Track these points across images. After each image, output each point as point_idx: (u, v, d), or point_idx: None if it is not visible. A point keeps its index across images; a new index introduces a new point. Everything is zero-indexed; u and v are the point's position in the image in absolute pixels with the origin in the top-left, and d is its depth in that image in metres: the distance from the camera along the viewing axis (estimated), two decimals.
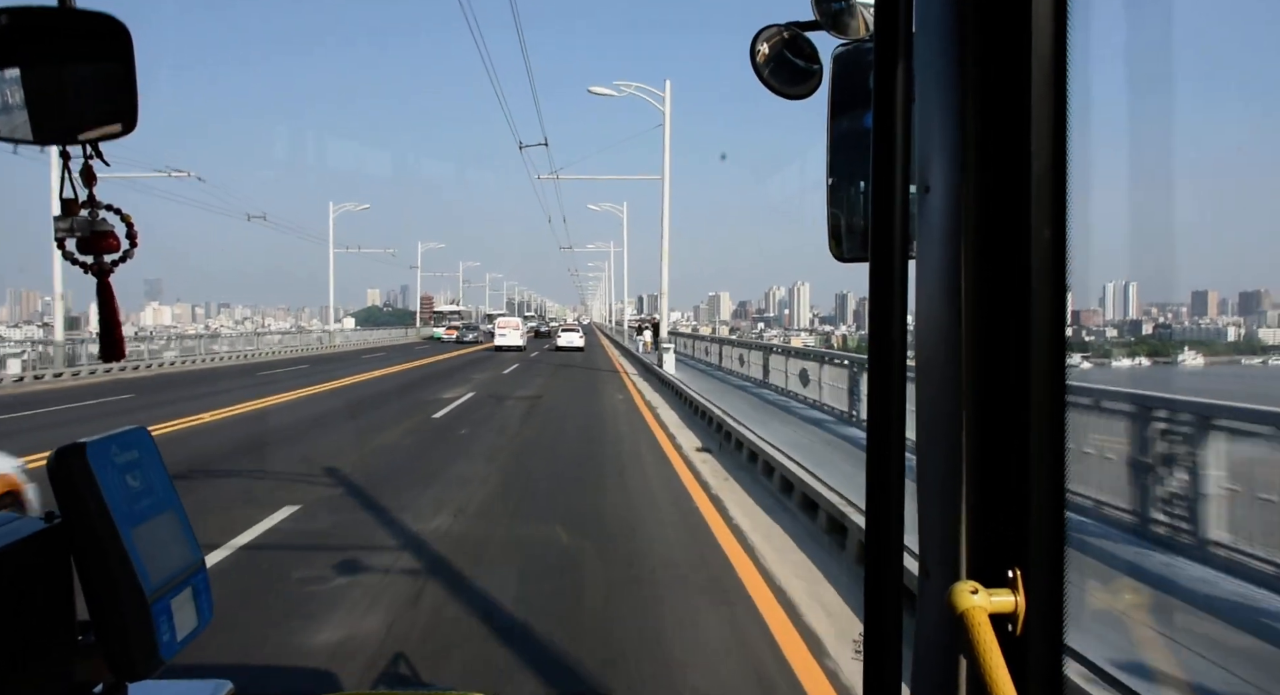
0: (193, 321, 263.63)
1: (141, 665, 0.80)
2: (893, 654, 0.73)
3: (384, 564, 5.43)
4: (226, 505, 7.02)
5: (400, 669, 3.88)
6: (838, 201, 1.14)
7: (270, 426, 12.83)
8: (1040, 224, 0.67)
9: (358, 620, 4.37)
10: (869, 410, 0.76)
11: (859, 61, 1.13)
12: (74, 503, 0.79)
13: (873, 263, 0.75)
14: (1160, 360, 38.82)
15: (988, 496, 0.70)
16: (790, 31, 1.36)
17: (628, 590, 5.09)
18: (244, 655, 3.92)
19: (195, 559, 0.91)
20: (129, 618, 0.79)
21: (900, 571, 0.74)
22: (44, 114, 1.00)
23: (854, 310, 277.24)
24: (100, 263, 1.01)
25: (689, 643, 4.23)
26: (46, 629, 0.81)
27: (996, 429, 0.70)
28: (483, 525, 6.64)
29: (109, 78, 1.01)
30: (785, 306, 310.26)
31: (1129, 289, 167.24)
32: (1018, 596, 0.67)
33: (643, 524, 6.90)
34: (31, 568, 0.80)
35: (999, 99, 0.69)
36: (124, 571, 0.79)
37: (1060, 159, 0.67)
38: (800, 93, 1.39)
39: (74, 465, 0.79)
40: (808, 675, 3.87)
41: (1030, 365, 0.67)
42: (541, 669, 3.87)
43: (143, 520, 0.83)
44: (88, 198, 1.00)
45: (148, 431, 0.91)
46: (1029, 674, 0.66)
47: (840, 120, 1.14)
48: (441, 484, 8.26)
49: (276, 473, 8.73)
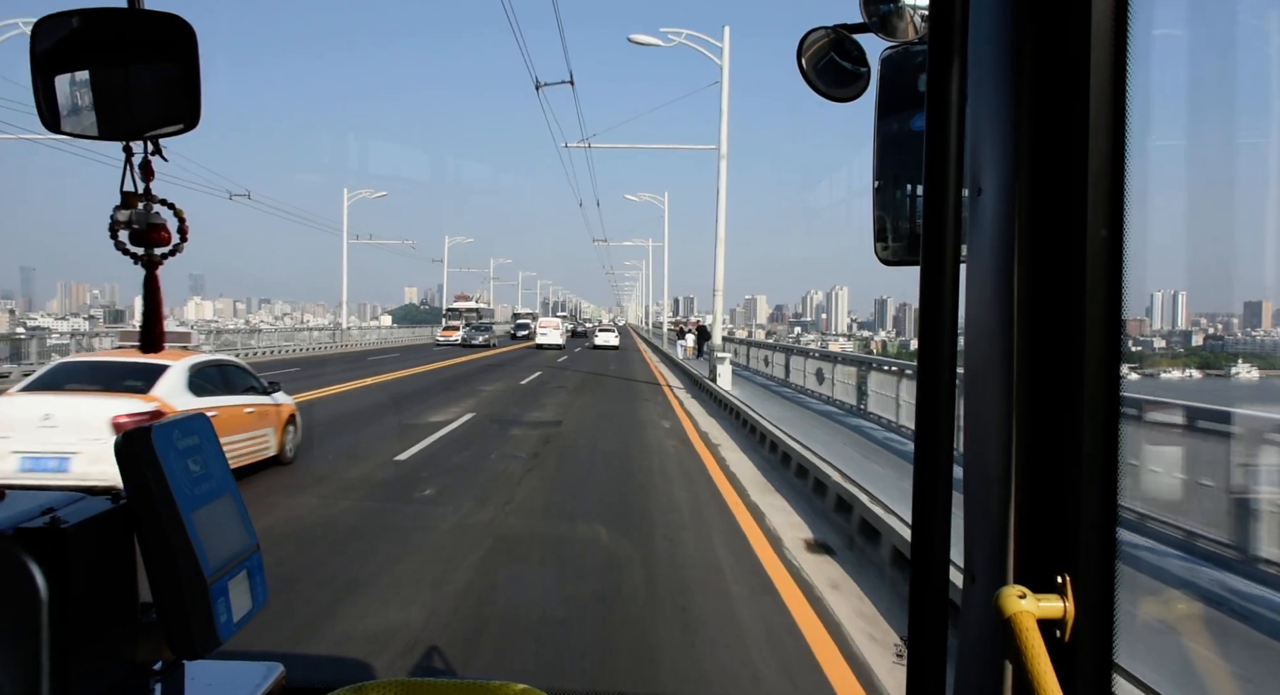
0: (234, 316, 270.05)
1: (200, 645, 0.83)
2: (936, 660, 0.72)
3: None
4: None
5: (435, 662, 3.92)
6: (884, 204, 1.13)
7: None
8: (1096, 227, 0.66)
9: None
10: (917, 414, 0.75)
11: (907, 64, 1.12)
12: (139, 484, 0.82)
13: (924, 265, 0.75)
14: (1212, 372, 37.44)
15: (1038, 503, 0.69)
16: (837, 33, 1.35)
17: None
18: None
19: (251, 543, 0.94)
20: (189, 598, 0.82)
21: (946, 577, 0.73)
22: (110, 111, 1.04)
23: (894, 316, 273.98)
24: (150, 255, 1.05)
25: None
26: (111, 607, 0.84)
27: (1048, 435, 0.69)
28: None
29: (173, 76, 1.04)
30: (823, 311, 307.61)
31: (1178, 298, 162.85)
32: (1067, 602, 0.66)
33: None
34: (98, 546, 0.83)
35: (1055, 100, 0.68)
36: (185, 552, 0.82)
37: (1119, 161, 0.66)
38: (847, 95, 1.38)
39: (140, 448, 0.82)
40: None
41: (1084, 370, 0.66)
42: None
43: (203, 503, 0.86)
44: (144, 191, 1.04)
45: (208, 418, 0.94)
46: (1078, 681, 0.65)
47: (888, 122, 1.13)
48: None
49: None
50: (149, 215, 1.03)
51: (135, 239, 1.04)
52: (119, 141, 1.02)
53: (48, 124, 1.03)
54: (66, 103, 1.04)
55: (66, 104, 1.04)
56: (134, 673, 0.87)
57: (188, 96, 1.03)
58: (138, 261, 1.04)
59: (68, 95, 1.04)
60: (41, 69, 1.01)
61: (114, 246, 1.04)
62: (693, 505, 7.49)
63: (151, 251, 1.05)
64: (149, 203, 1.03)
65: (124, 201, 1.02)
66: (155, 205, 1.04)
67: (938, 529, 0.73)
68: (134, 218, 1.02)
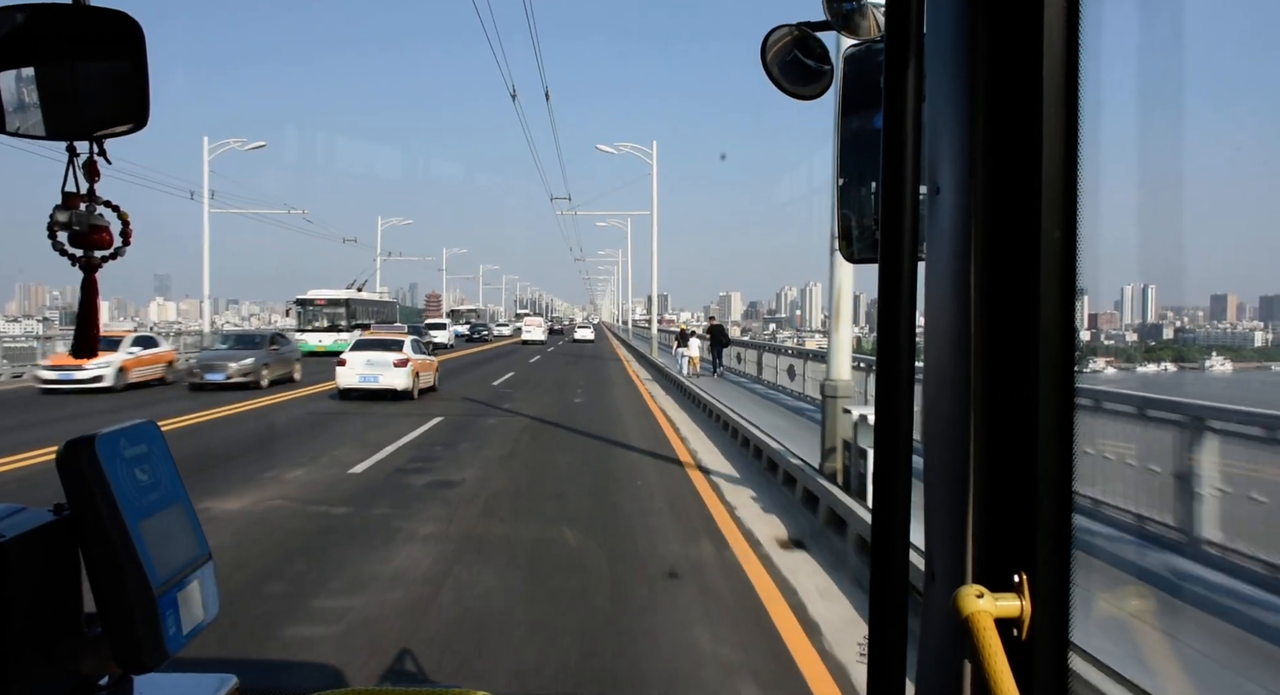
0: (199, 317, 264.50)
1: (147, 658, 0.81)
2: (897, 657, 0.73)
3: None
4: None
5: (407, 665, 3.89)
6: (848, 202, 1.13)
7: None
8: (1050, 225, 0.66)
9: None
10: (876, 411, 0.75)
11: (870, 62, 1.13)
12: (82, 495, 0.80)
13: (882, 262, 0.75)
14: (1187, 366, 37.79)
15: (994, 500, 0.70)
16: (801, 31, 1.36)
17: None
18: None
19: (203, 552, 0.92)
20: (135, 610, 0.80)
21: (906, 575, 0.74)
22: (57, 110, 1.01)
23: (866, 312, 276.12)
24: (90, 257, 1.02)
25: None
26: (54, 621, 0.82)
27: (1004, 432, 0.69)
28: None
29: (122, 75, 1.02)
30: (797, 307, 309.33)
31: (1147, 292, 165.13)
32: (1023, 601, 0.66)
33: None
34: (39, 559, 0.80)
35: (1010, 99, 0.69)
36: (131, 564, 0.80)
37: (1071, 159, 0.67)
38: (810, 93, 1.39)
39: (83, 458, 0.80)
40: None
41: (1039, 368, 0.67)
42: None
43: (151, 513, 0.84)
44: (88, 192, 1.01)
45: (157, 426, 0.92)
46: (1034, 679, 0.65)
47: (850, 120, 1.14)
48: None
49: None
50: (90, 216, 1.00)
51: (75, 240, 1.00)
52: (65, 141, 1.00)
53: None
54: (11, 100, 1.01)
55: (11, 101, 1.01)
56: (80, 688, 0.85)
57: (137, 95, 1.01)
58: (75, 263, 1.01)
59: (12, 92, 1.01)
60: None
61: (51, 247, 1.00)
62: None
63: (91, 254, 1.01)
64: (91, 204, 1.01)
65: (65, 202, 0.99)
66: (98, 207, 1.01)
67: (897, 528, 0.74)
68: (74, 219, 0.99)
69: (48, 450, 8.51)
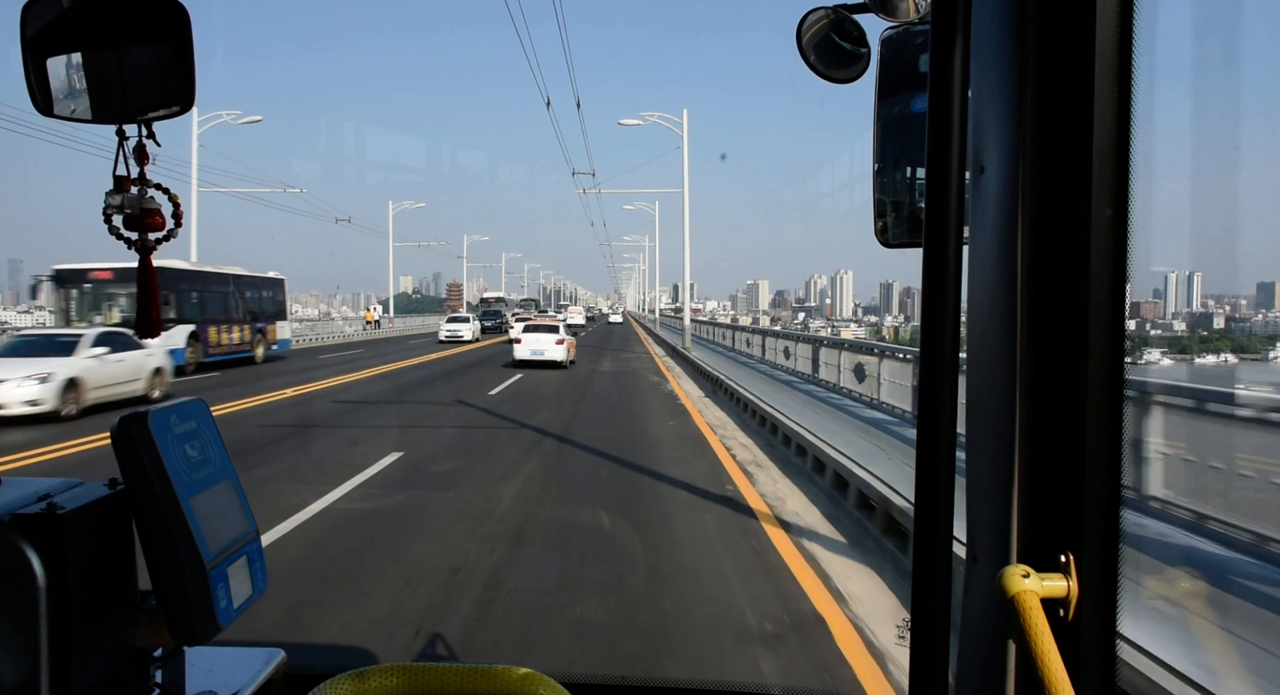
0: None
1: (200, 630, 0.83)
2: (940, 638, 0.72)
3: None
4: None
5: (437, 649, 3.95)
6: (885, 187, 1.12)
7: None
8: (1100, 206, 0.65)
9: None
10: (920, 394, 0.75)
11: (908, 44, 1.11)
12: (137, 470, 0.82)
13: (926, 246, 0.74)
14: (1247, 357, 36.24)
15: (1040, 482, 0.69)
16: (838, 14, 1.34)
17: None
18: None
19: (251, 529, 0.93)
20: (189, 583, 0.82)
21: (949, 558, 0.73)
22: (104, 94, 1.03)
23: (899, 300, 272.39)
24: (144, 240, 1.04)
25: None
26: (110, 593, 0.84)
27: (1051, 414, 0.68)
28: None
29: (167, 59, 1.03)
30: (826, 296, 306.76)
31: (1193, 279, 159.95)
32: (1070, 581, 0.66)
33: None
34: (96, 532, 0.83)
35: (1059, 78, 0.67)
36: (184, 538, 0.81)
37: (1124, 139, 0.65)
38: (847, 77, 1.37)
39: (137, 433, 0.81)
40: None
41: (1088, 351, 0.65)
42: None
43: (201, 489, 0.86)
44: (139, 176, 1.02)
45: (205, 404, 0.94)
46: (1081, 659, 0.65)
47: (888, 104, 1.12)
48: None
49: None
50: (143, 200, 1.02)
51: (129, 224, 1.02)
52: (113, 125, 1.01)
53: (40, 107, 1.02)
54: (59, 86, 1.03)
55: (59, 87, 1.03)
56: (134, 658, 0.87)
57: (182, 79, 1.02)
58: (131, 246, 1.03)
59: (61, 78, 1.03)
60: (33, 51, 1.00)
61: (108, 231, 1.02)
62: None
63: (146, 237, 1.03)
64: (143, 188, 1.02)
65: (117, 185, 1.01)
66: (150, 190, 1.03)
67: (940, 510, 0.73)
68: (127, 202, 1.01)
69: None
